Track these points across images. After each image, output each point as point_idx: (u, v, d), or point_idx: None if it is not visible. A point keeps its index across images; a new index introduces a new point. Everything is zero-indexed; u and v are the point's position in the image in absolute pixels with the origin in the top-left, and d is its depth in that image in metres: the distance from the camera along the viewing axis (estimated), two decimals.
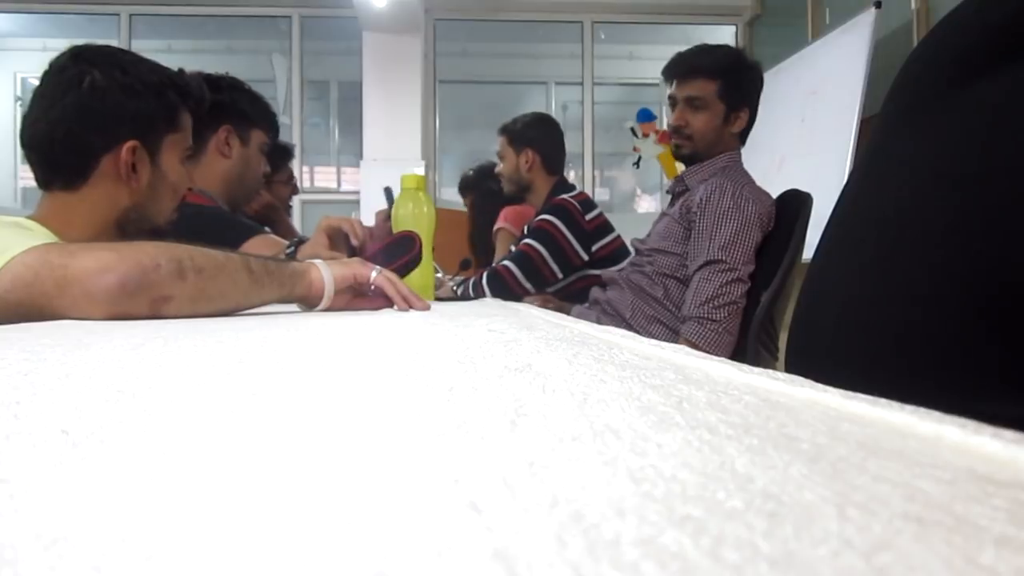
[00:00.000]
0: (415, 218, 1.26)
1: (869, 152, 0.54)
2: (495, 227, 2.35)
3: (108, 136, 0.89)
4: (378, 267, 0.88)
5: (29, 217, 0.89)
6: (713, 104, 1.47)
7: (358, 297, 0.87)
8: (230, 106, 1.43)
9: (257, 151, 1.49)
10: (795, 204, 1.44)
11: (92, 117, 0.88)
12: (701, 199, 1.40)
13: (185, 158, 1.00)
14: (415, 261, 1.08)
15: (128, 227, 0.93)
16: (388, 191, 1.60)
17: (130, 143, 0.90)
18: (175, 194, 0.98)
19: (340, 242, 1.12)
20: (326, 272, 0.81)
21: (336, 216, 1.14)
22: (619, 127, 4.90)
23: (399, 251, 1.07)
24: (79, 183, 0.89)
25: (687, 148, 1.50)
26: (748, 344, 1.36)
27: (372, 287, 0.87)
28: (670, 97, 1.53)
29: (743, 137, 1.54)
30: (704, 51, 1.51)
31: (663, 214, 1.55)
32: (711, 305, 1.34)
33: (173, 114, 0.96)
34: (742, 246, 1.36)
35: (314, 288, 0.81)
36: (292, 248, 1.18)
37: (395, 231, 1.27)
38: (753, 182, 1.49)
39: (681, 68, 1.50)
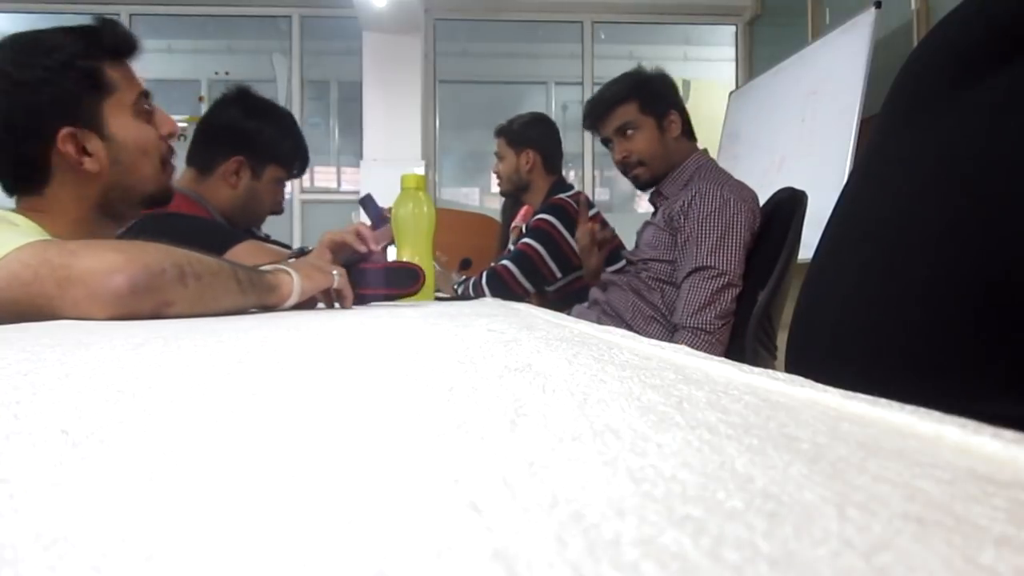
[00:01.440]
0: (415, 218, 1.26)
1: (869, 152, 0.54)
2: (512, 225, 2.34)
3: (37, 136, 0.85)
4: (338, 272, 0.92)
5: (13, 210, 0.88)
6: (642, 122, 1.48)
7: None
8: (252, 136, 1.39)
9: (270, 184, 1.45)
10: (791, 202, 1.44)
11: (12, 126, 0.85)
12: (683, 204, 1.40)
13: (143, 110, 0.92)
14: (411, 295, 1.09)
15: (113, 207, 0.91)
16: (367, 199, 1.58)
17: (62, 132, 0.84)
18: (147, 153, 0.92)
19: (344, 254, 1.12)
20: (296, 287, 0.85)
21: (338, 230, 1.13)
22: None
23: (401, 281, 1.07)
24: (42, 186, 0.86)
25: (645, 174, 1.51)
26: (746, 343, 1.35)
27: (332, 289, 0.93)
28: (603, 142, 1.55)
29: (690, 136, 1.52)
30: (604, 91, 1.53)
31: (646, 223, 1.55)
32: (704, 315, 1.34)
33: (97, 80, 0.87)
34: (730, 249, 1.35)
35: (283, 299, 0.85)
36: (294, 259, 1.18)
37: (395, 232, 1.26)
38: (732, 178, 1.48)
39: (596, 110, 1.53)
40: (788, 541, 0.10)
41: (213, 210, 1.38)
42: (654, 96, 1.49)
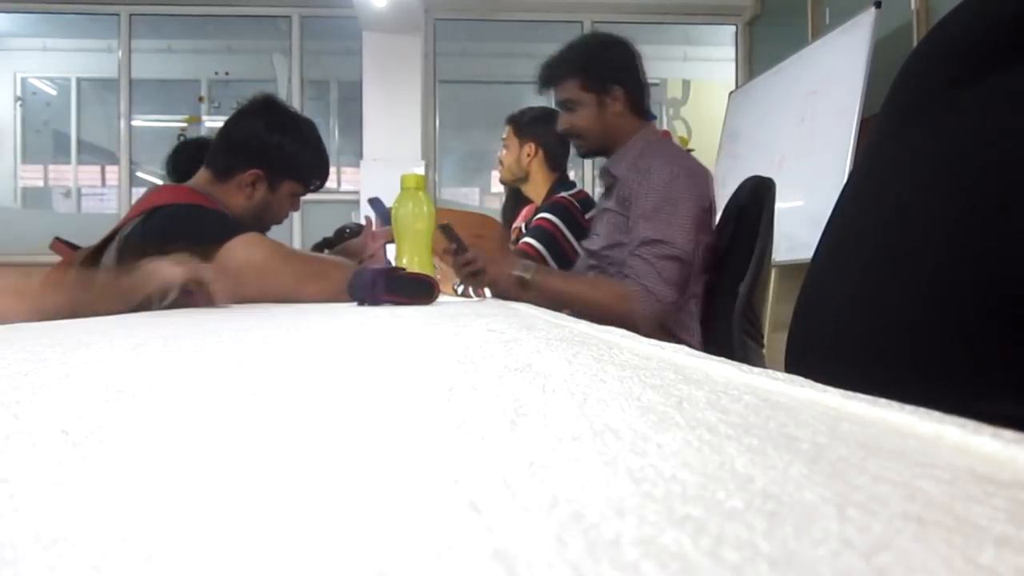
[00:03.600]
0: (415, 218, 1.26)
1: (869, 152, 0.54)
2: (513, 225, 2.33)
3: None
4: (192, 268, 0.94)
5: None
6: (582, 98, 1.47)
7: (185, 295, 0.95)
8: (273, 151, 1.39)
9: (286, 197, 1.45)
10: (759, 190, 1.42)
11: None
12: (633, 182, 1.39)
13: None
14: (421, 303, 1.08)
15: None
16: (375, 201, 1.58)
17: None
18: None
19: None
20: (166, 273, 0.89)
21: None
22: None
23: (417, 290, 1.07)
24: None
25: (584, 146, 1.52)
26: (734, 338, 1.34)
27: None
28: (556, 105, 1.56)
29: (640, 111, 1.49)
30: (557, 57, 1.53)
31: (603, 210, 1.51)
32: (651, 280, 1.32)
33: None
34: (677, 223, 1.33)
35: (153, 290, 0.89)
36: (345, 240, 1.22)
37: (395, 232, 1.26)
38: (682, 153, 1.45)
39: (542, 81, 1.54)
40: (788, 541, 0.10)
41: (221, 205, 1.36)
42: (596, 73, 1.47)
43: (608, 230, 1.46)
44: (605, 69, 1.48)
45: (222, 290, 0.95)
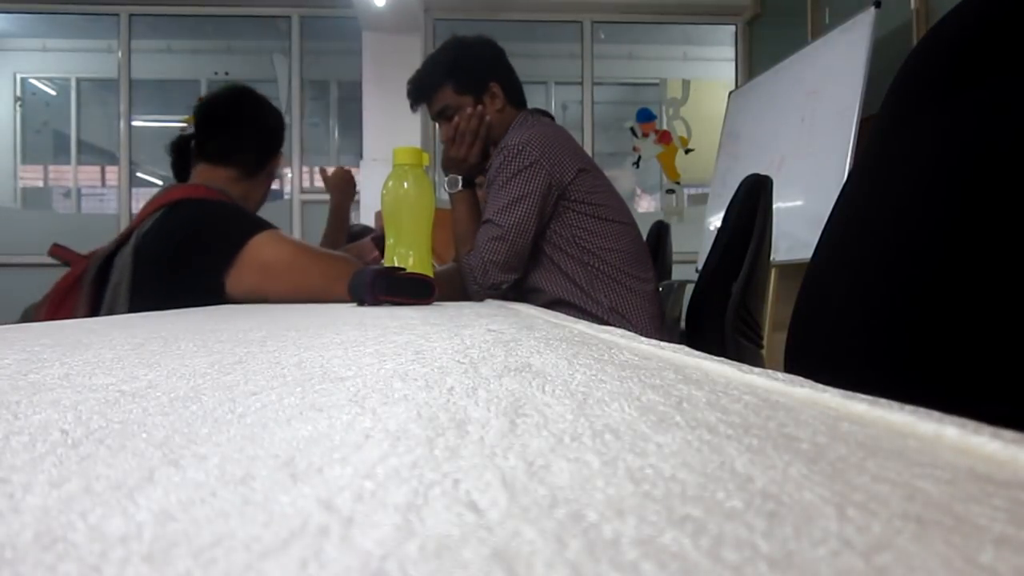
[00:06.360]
0: (408, 202, 1.12)
1: (869, 152, 0.54)
2: None
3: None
4: None
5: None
6: (460, 103, 1.42)
7: None
8: (277, 129, 1.45)
9: (277, 167, 1.50)
10: (756, 188, 1.41)
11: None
12: (493, 165, 1.37)
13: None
14: (421, 303, 1.07)
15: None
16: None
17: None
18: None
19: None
20: None
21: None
22: (619, 127, 4.91)
23: (416, 290, 1.04)
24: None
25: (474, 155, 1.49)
26: (727, 337, 1.33)
27: None
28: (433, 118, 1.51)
29: (516, 102, 1.46)
30: (421, 70, 1.49)
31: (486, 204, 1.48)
32: (475, 262, 1.32)
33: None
34: (509, 205, 1.31)
35: None
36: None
37: (384, 217, 1.16)
38: (537, 127, 1.40)
39: (413, 96, 1.49)
40: (788, 541, 0.10)
41: (240, 200, 1.36)
42: (469, 74, 1.43)
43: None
44: (476, 67, 1.44)
45: None
